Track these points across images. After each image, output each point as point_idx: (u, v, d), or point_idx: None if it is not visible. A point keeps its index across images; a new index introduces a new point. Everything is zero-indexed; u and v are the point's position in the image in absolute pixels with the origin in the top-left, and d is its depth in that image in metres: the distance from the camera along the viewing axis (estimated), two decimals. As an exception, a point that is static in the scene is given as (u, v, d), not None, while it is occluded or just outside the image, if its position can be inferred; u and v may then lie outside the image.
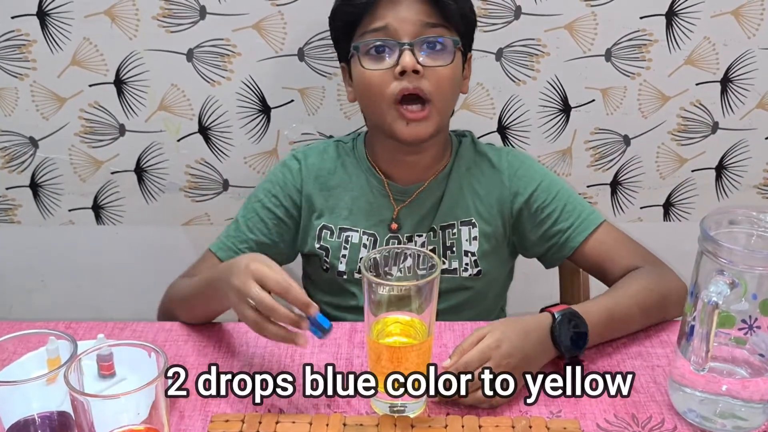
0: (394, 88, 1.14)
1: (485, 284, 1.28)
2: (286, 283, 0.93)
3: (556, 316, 1.02)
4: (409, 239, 1.26)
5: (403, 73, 1.13)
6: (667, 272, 1.18)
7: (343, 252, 1.26)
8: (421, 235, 1.26)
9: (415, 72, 1.13)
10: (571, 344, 1.02)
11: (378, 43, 1.15)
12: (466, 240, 1.26)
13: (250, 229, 1.28)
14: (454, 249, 1.26)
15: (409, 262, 0.98)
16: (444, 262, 1.26)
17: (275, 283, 0.93)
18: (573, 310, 1.04)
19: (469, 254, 1.26)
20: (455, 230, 1.25)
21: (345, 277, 1.28)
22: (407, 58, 1.13)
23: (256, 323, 0.94)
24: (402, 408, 0.96)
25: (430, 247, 1.26)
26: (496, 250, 1.29)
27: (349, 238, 1.26)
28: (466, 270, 1.26)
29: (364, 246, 1.25)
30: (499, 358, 0.97)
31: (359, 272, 1.25)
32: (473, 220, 1.26)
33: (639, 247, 1.24)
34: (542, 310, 1.08)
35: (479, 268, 1.26)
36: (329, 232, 1.27)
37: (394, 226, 1.25)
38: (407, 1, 1.15)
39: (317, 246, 1.28)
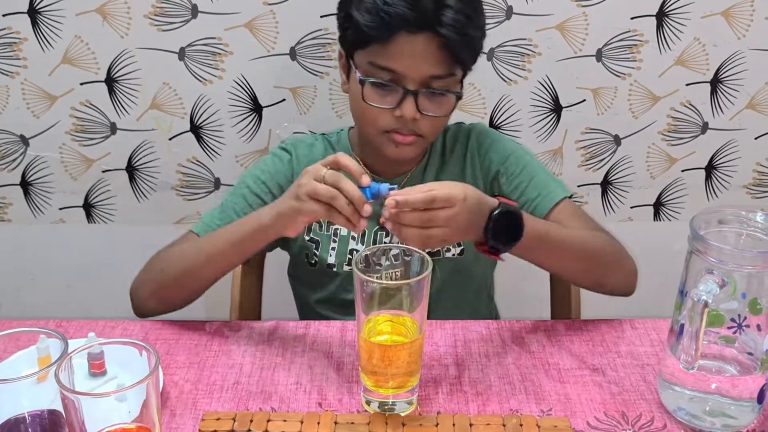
0: (389, 125, 1.17)
1: (469, 262, 1.29)
2: (339, 154, 1.02)
3: (497, 213, 1.04)
4: None
5: (401, 117, 1.15)
6: (618, 244, 1.21)
7: (333, 245, 1.27)
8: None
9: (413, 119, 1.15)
10: (497, 240, 1.04)
11: (383, 83, 1.15)
12: None
13: (236, 213, 1.24)
14: None
15: (395, 251, 0.98)
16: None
17: (331, 158, 1.02)
18: (518, 210, 1.06)
19: None
20: None
21: (335, 269, 1.28)
22: (408, 107, 1.14)
23: (328, 192, 0.99)
24: (393, 406, 0.96)
25: None
26: None
27: (338, 231, 1.27)
28: (449, 250, 1.28)
29: (353, 238, 1.27)
30: (462, 212, 0.99)
31: (349, 264, 1.26)
32: None
33: (597, 225, 1.25)
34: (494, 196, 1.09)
35: (462, 247, 1.28)
36: (318, 225, 1.28)
37: (382, 220, 1.23)
38: (422, 47, 1.12)
39: (307, 238, 1.28)
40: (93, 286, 1.82)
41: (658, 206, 1.79)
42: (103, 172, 1.72)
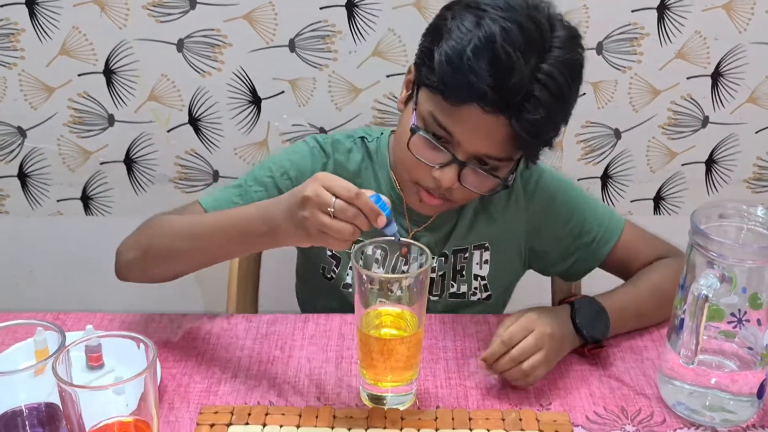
0: (423, 181, 1.07)
1: (495, 307, 1.26)
2: (355, 189, 0.89)
3: (576, 305, 1.04)
4: None
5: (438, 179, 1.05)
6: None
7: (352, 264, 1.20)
8: (433, 258, 1.21)
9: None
10: (592, 330, 1.03)
11: (434, 141, 1.03)
12: (477, 263, 1.21)
13: (253, 200, 1.10)
14: (464, 273, 1.22)
15: (410, 281, 0.93)
16: (453, 286, 1.22)
17: (345, 190, 0.89)
18: (590, 298, 1.06)
19: (479, 278, 1.22)
20: (467, 254, 1.21)
21: (350, 290, 1.20)
22: (448, 175, 1.03)
23: (342, 230, 0.89)
24: (392, 400, 0.96)
25: (440, 272, 1.21)
26: (507, 271, 1.25)
27: (363, 250, 1.18)
28: (474, 294, 1.23)
29: (376, 261, 1.09)
30: (542, 327, 0.98)
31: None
32: (486, 244, 1.21)
33: (660, 241, 1.22)
34: (560, 302, 1.09)
35: (489, 293, 1.23)
36: None
37: (405, 250, 1.08)
38: (490, 127, 0.99)
39: (329, 254, 1.21)
40: (91, 278, 1.81)
41: (658, 200, 1.79)
42: (101, 164, 1.71)
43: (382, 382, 0.96)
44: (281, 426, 0.92)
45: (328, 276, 1.22)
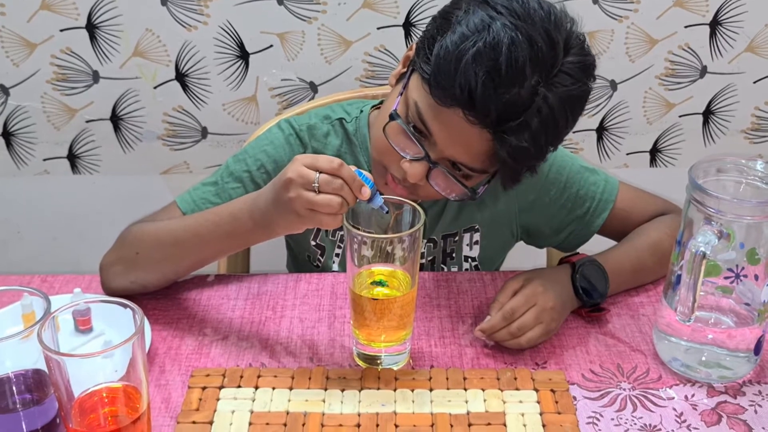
0: (391, 167, 1.01)
1: None
2: (337, 161, 0.88)
3: (577, 267, 1.03)
4: None
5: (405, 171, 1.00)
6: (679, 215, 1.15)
7: (337, 251, 1.18)
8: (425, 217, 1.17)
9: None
10: (592, 296, 1.03)
11: (410, 133, 0.97)
12: (467, 245, 1.19)
13: (231, 198, 1.07)
14: (454, 255, 1.19)
15: (403, 239, 0.91)
16: (443, 269, 1.20)
17: (327, 162, 0.87)
18: (591, 258, 1.05)
19: (470, 259, 1.20)
20: (456, 238, 1.18)
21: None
22: (416, 171, 0.97)
23: (330, 202, 0.87)
24: (385, 360, 0.95)
25: (429, 257, 1.19)
26: (499, 250, 1.23)
27: (344, 236, 1.11)
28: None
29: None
30: (544, 302, 0.98)
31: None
32: (476, 226, 1.18)
33: (656, 199, 1.19)
34: (561, 261, 1.07)
35: (479, 273, 1.19)
36: (325, 231, 1.17)
37: (397, 213, 1.03)
38: (471, 138, 0.93)
39: (313, 244, 1.19)
40: (79, 238, 1.80)
41: (655, 152, 1.77)
42: (87, 122, 1.68)
43: (376, 342, 0.95)
44: (273, 388, 0.91)
45: (316, 264, 1.20)
